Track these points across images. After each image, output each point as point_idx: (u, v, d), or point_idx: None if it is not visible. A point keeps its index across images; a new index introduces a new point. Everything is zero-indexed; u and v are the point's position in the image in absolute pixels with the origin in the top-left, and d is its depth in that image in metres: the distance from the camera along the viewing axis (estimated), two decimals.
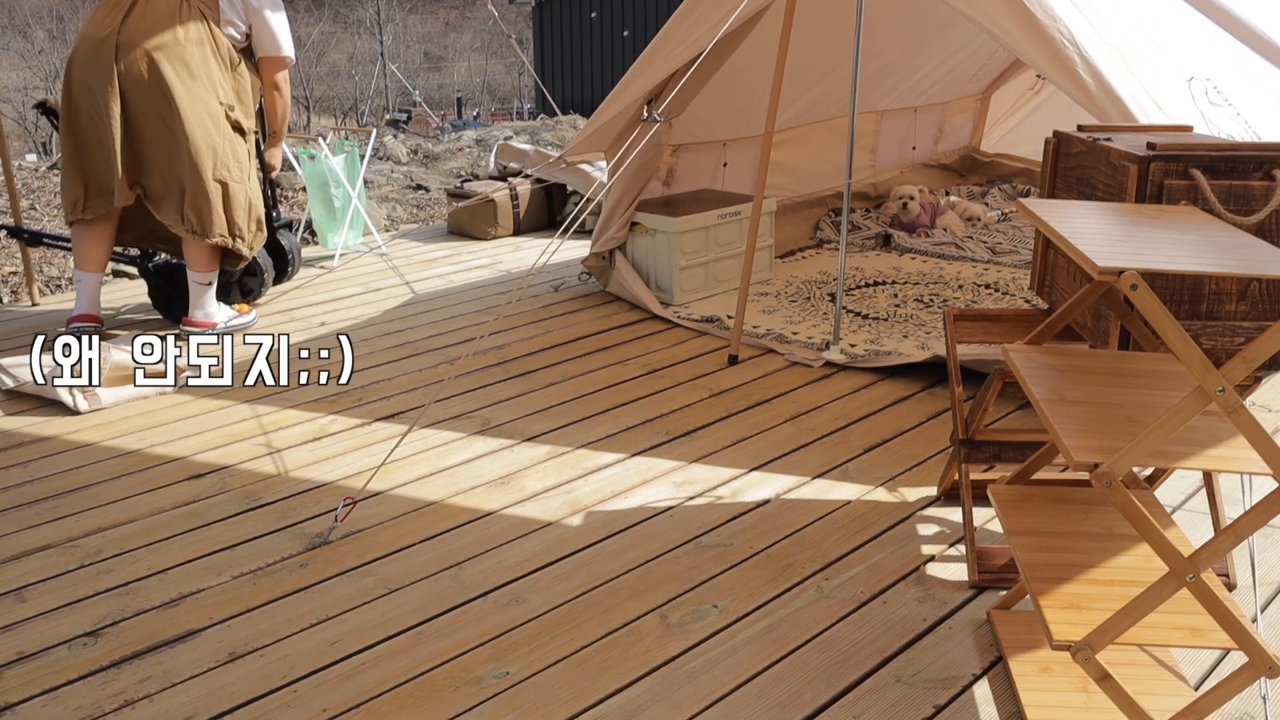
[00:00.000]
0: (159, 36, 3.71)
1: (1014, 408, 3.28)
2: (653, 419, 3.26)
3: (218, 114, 3.82)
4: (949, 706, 1.93)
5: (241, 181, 3.90)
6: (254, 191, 3.99)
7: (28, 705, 1.97)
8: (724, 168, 5.02)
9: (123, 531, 2.61)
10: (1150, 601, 1.58)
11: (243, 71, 3.98)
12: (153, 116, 3.75)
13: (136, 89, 3.73)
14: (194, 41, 3.78)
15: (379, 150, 8.15)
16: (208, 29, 3.83)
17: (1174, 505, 2.64)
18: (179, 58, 3.73)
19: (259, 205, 4.03)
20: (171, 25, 3.74)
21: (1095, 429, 1.65)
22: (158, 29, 3.73)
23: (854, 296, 4.37)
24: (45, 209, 6.11)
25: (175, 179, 3.80)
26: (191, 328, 4.07)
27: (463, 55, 30.64)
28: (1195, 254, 1.64)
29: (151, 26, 3.73)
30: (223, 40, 3.87)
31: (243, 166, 3.91)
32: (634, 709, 1.93)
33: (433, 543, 2.53)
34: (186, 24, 3.77)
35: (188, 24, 3.77)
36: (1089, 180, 2.36)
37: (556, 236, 3.22)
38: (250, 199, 3.95)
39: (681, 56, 3.90)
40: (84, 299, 4.02)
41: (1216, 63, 3.13)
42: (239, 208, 3.90)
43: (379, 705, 1.95)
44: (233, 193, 3.87)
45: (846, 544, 2.50)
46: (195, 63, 3.77)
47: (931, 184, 6.03)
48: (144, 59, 3.70)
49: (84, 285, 4.02)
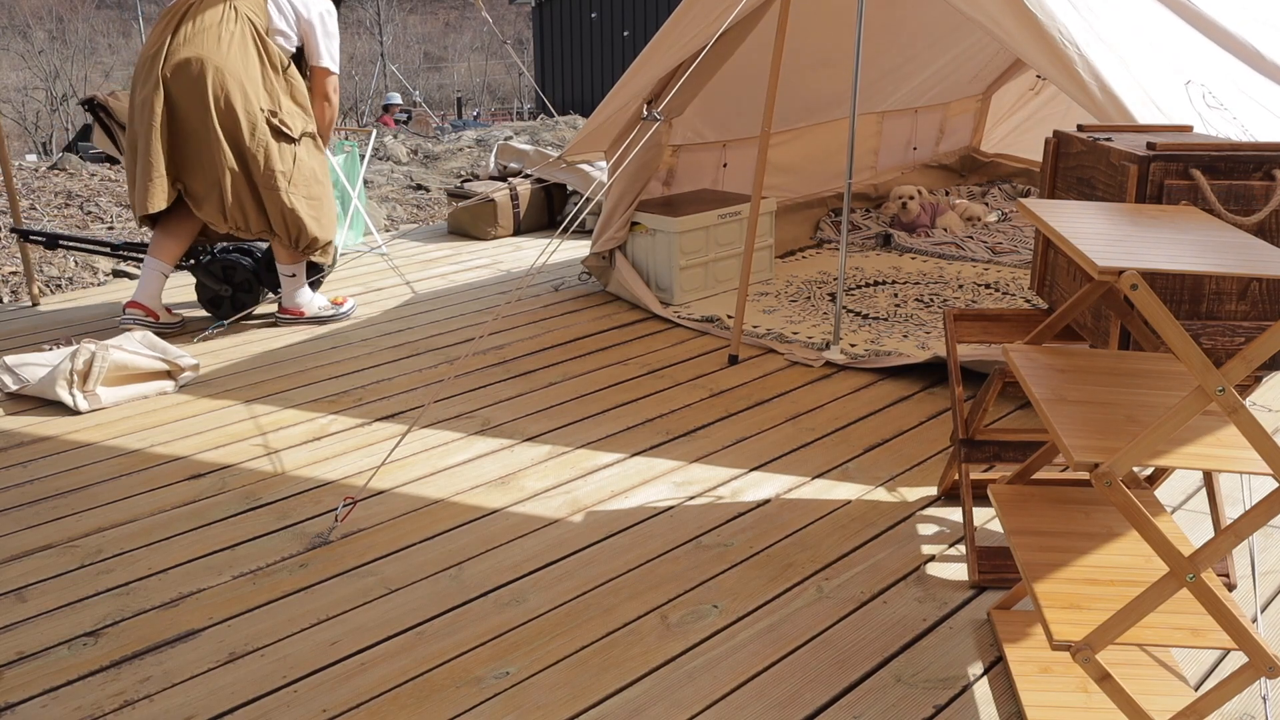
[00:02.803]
0: (205, 44, 3.80)
1: (1014, 408, 3.29)
2: (653, 419, 3.26)
3: (256, 118, 3.84)
4: (949, 706, 1.93)
5: (276, 186, 3.89)
6: (299, 194, 3.96)
7: (28, 705, 1.97)
8: (724, 168, 5.02)
9: (123, 531, 2.61)
10: (1150, 601, 1.58)
11: (293, 76, 4.00)
12: (195, 120, 3.82)
13: (180, 92, 3.80)
14: (239, 47, 3.83)
15: (379, 150, 8.15)
16: (255, 36, 3.88)
17: (1174, 505, 2.64)
18: (222, 63, 3.78)
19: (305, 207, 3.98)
20: (217, 33, 3.81)
21: (1095, 429, 1.65)
22: (205, 37, 3.81)
23: (854, 296, 4.37)
24: (45, 209, 6.11)
25: (215, 179, 3.84)
26: (283, 315, 4.24)
27: (462, 55, 30.64)
28: (1195, 254, 1.64)
29: (199, 35, 3.81)
30: (271, 46, 3.92)
31: (284, 173, 3.91)
32: (634, 709, 1.93)
33: (433, 543, 2.53)
34: (233, 32, 3.83)
35: (234, 32, 3.84)
36: (1089, 180, 2.36)
37: (556, 236, 3.22)
38: (290, 202, 3.92)
39: (680, 55, 3.91)
40: (140, 286, 4.08)
41: (1210, 70, 3.14)
42: (275, 212, 3.92)
43: (379, 705, 1.95)
44: (267, 199, 3.90)
45: (846, 544, 2.50)
46: (237, 68, 3.81)
47: (932, 184, 6.03)
48: (189, 65, 3.78)
49: (145, 272, 4.09)
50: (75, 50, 25.00)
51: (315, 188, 4.01)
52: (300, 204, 3.95)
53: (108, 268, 5.29)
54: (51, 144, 20.58)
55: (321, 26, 4.02)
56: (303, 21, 3.99)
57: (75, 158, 7.38)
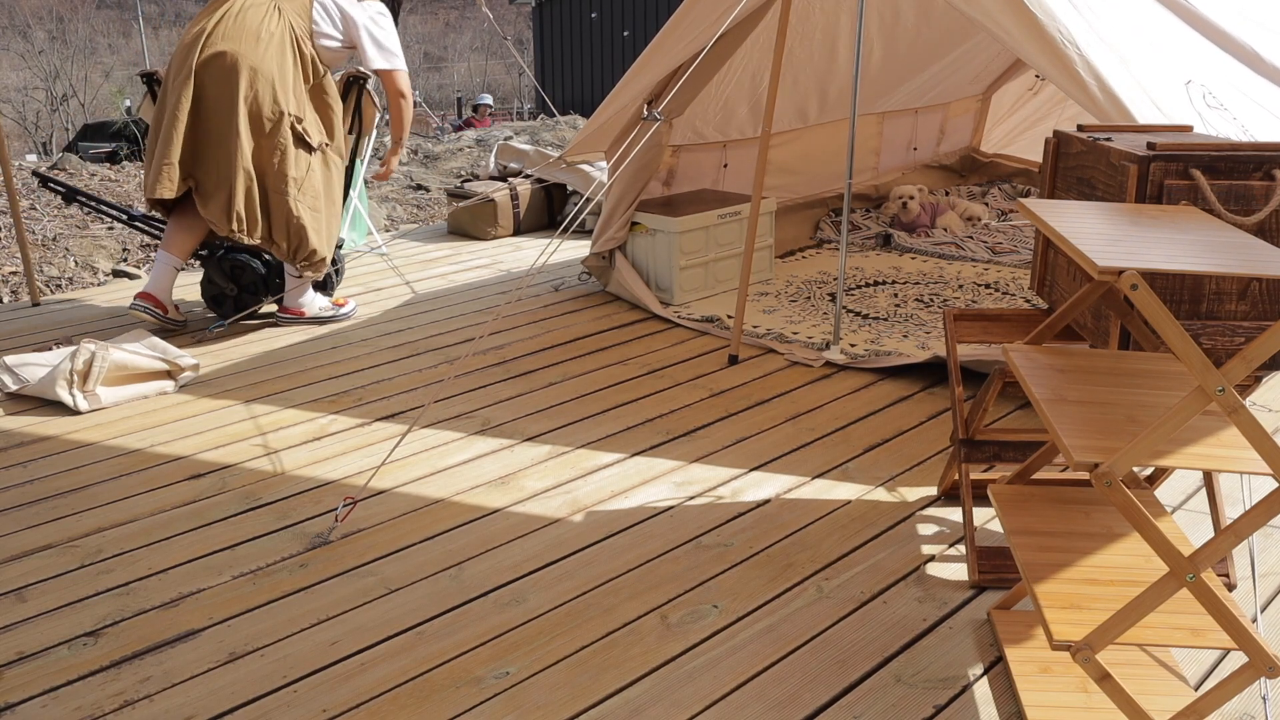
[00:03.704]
0: (242, 41, 3.79)
1: (1014, 408, 3.29)
2: (653, 419, 3.26)
3: (280, 121, 3.81)
4: (949, 706, 1.93)
5: (286, 191, 3.86)
6: (306, 203, 3.91)
7: (28, 705, 1.97)
8: (724, 169, 5.02)
9: (123, 531, 2.61)
10: (1150, 601, 1.58)
11: (327, 87, 3.99)
12: (220, 115, 3.80)
13: (210, 85, 3.80)
14: (275, 50, 3.83)
15: (379, 150, 8.14)
16: (293, 39, 3.88)
17: (1174, 505, 2.64)
18: (257, 63, 3.78)
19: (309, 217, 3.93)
20: (256, 32, 3.81)
21: (1095, 429, 1.65)
22: (242, 34, 3.80)
23: (854, 296, 4.37)
24: (45, 209, 6.10)
25: (226, 177, 3.82)
26: (284, 315, 4.25)
27: (462, 55, 30.64)
28: (1195, 254, 1.64)
29: (238, 31, 3.81)
30: (307, 52, 3.91)
31: (296, 179, 3.87)
32: (634, 709, 1.93)
33: (433, 543, 2.53)
34: (273, 32, 3.83)
35: (274, 33, 3.83)
36: (1089, 180, 2.36)
37: (556, 236, 3.22)
38: (296, 209, 3.88)
39: (681, 55, 3.91)
40: (152, 279, 4.08)
41: (1210, 70, 3.14)
42: (278, 217, 3.88)
43: (379, 705, 1.95)
44: (273, 202, 3.87)
45: (846, 544, 2.50)
46: (271, 69, 3.80)
47: (932, 184, 6.03)
48: (223, 59, 3.77)
49: (157, 265, 4.08)
50: (75, 50, 25.00)
51: (320, 201, 3.98)
52: (305, 213, 3.91)
53: (108, 268, 5.29)
54: (51, 144, 20.57)
55: (370, 30, 4.00)
56: (349, 22, 3.97)
57: (75, 158, 7.37)
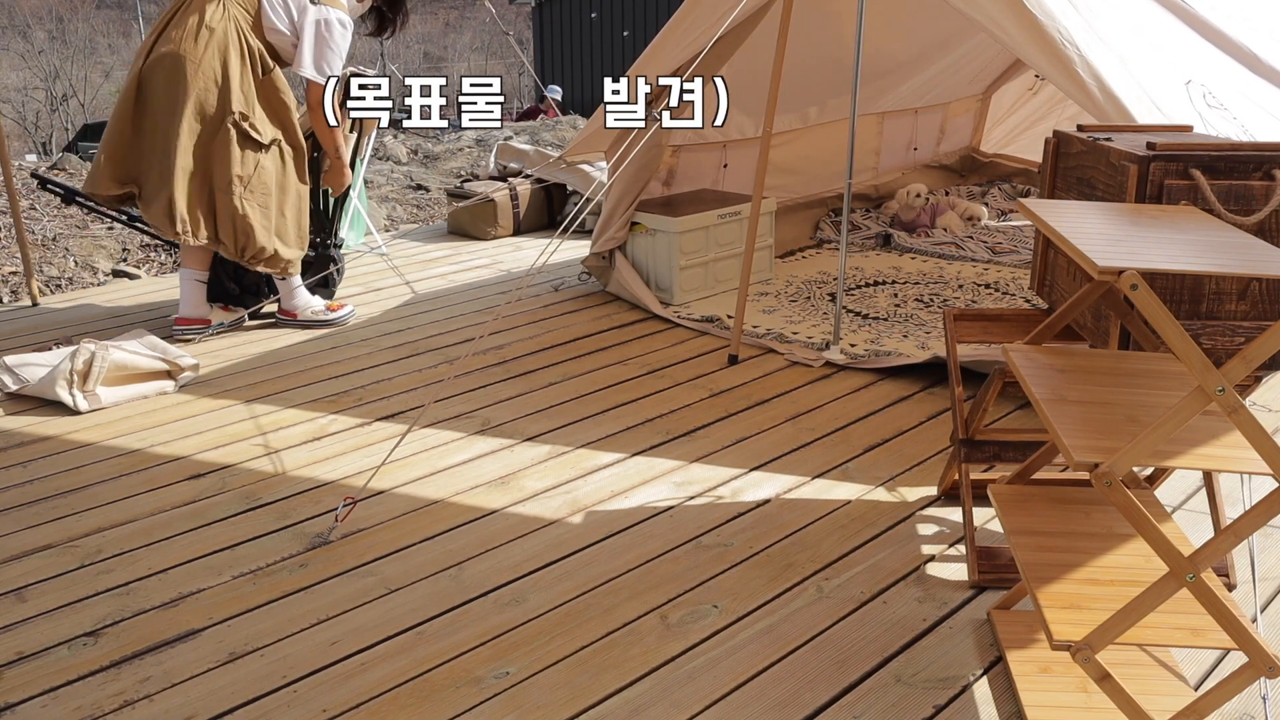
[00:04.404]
0: (184, 41, 3.76)
1: (1014, 408, 3.29)
2: (653, 419, 3.26)
3: (224, 119, 3.77)
4: (949, 706, 1.93)
5: (230, 190, 3.80)
6: (254, 201, 3.85)
7: (28, 705, 1.97)
8: (724, 169, 5.02)
9: (123, 531, 2.61)
10: (1150, 601, 1.58)
11: (278, 81, 3.93)
12: (161, 116, 3.78)
13: (153, 88, 3.79)
14: (218, 45, 3.77)
15: (379, 150, 8.15)
16: (238, 32, 3.82)
17: (1174, 505, 2.64)
18: (198, 62, 3.74)
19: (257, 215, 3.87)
20: (198, 31, 3.76)
21: (1095, 429, 1.65)
22: (185, 32, 3.77)
23: (854, 296, 4.37)
24: (45, 209, 6.11)
25: (166, 181, 3.76)
26: (282, 316, 4.24)
27: (462, 55, 30.63)
28: (1195, 254, 1.64)
29: (181, 32, 3.77)
30: (255, 46, 3.84)
31: (242, 177, 3.81)
32: (634, 709, 1.93)
33: (433, 543, 2.53)
34: (214, 30, 3.77)
35: (216, 30, 3.77)
36: (1089, 180, 2.36)
37: (556, 236, 3.22)
38: (242, 208, 3.81)
39: (682, 56, 3.90)
40: (183, 301, 4.09)
41: (1209, 70, 3.15)
42: (224, 216, 3.83)
43: (379, 705, 1.95)
44: (219, 201, 3.81)
45: (846, 544, 2.50)
46: (213, 67, 3.76)
47: (932, 184, 6.03)
48: (164, 61, 3.75)
49: (182, 285, 4.09)
50: (75, 50, 25.00)
51: (271, 198, 3.89)
52: (252, 211, 3.84)
53: (108, 268, 5.29)
54: (51, 144, 20.59)
55: (314, 33, 3.84)
56: (303, 13, 3.86)
57: (75, 158, 7.37)
